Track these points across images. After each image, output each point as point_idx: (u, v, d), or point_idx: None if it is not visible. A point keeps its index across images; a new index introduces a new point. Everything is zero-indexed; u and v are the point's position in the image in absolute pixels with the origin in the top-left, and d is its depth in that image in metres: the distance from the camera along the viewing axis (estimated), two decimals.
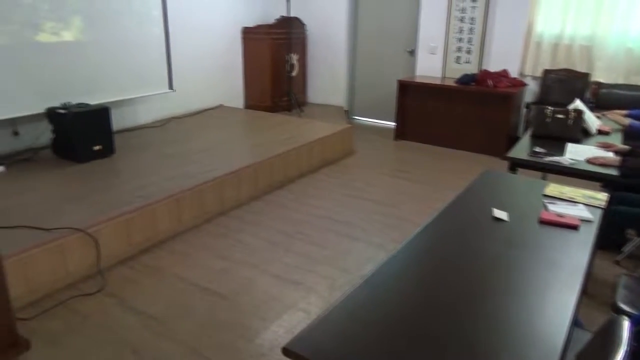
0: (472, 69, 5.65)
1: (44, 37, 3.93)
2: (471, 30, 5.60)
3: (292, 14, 6.33)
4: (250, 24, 6.34)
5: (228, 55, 6.21)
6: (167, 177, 3.58)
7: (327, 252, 3.15)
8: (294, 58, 6.53)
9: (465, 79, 5.37)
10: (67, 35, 4.10)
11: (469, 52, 5.69)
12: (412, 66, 6.17)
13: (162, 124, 5.21)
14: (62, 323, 2.39)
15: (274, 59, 6.28)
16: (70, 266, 2.69)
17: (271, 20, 6.43)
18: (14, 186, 3.37)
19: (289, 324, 2.43)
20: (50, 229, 2.68)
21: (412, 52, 6.17)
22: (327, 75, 6.89)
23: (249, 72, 6.49)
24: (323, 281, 2.81)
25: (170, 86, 5.14)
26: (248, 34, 6.33)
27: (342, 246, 3.24)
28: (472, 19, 5.56)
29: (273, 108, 6.30)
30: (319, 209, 3.81)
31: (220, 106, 6.15)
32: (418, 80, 5.76)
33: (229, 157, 4.10)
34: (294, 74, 6.52)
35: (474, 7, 5.52)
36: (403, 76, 6.02)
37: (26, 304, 2.48)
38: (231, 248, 3.17)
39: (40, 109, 3.90)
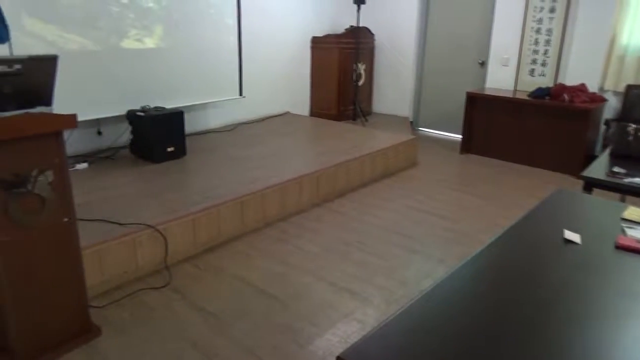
0: (546, 82, 5.41)
1: (128, 44, 4.21)
2: (547, 42, 5.37)
3: (362, 24, 6.37)
4: (320, 33, 6.44)
5: (296, 64, 6.34)
6: (233, 180, 3.71)
7: (385, 264, 3.12)
8: (361, 67, 6.55)
9: (540, 93, 5.14)
10: (149, 42, 4.37)
11: (544, 64, 5.45)
12: (482, 78, 6.00)
13: (231, 128, 5.40)
14: (130, 314, 2.53)
15: (341, 68, 6.33)
16: (140, 260, 2.85)
17: (340, 30, 6.50)
18: (95, 182, 3.62)
19: (343, 333, 2.43)
20: (125, 224, 2.86)
21: (483, 64, 6.00)
22: (394, 85, 6.86)
23: (316, 80, 6.59)
24: (380, 293, 2.79)
25: (241, 92, 5.33)
26: (317, 43, 6.43)
27: (401, 258, 3.20)
28: (549, 30, 5.32)
29: (338, 116, 6.35)
30: (380, 220, 3.78)
31: (287, 113, 6.28)
32: (488, 92, 5.58)
33: (293, 164, 4.18)
34: (360, 83, 6.54)
35: (551, 18, 5.28)
36: (472, 88, 5.87)
37: (99, 293, 2.65)
38: (290, 253, 3.22)
39: (121, 111, 4.18)
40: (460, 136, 5.75)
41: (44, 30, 3.68)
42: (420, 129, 6.78)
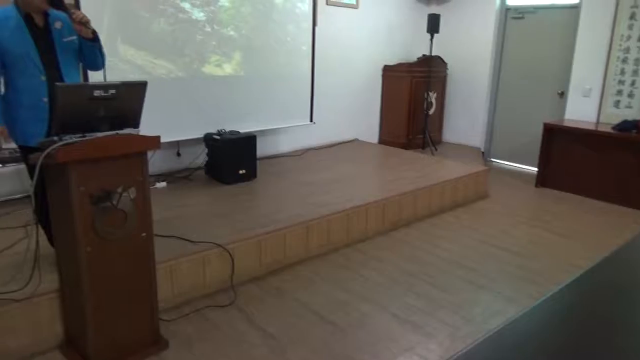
0: (634, 114, 5.06)
1: (208, 69, 4.48)
2: (635, 72, 5.05)
3: (435, 53, 6.34)
4: (392, 62, 6.48)
5: (367, 92, 6.41)
6: (299, 205, 3.77)
7: (451, 298, 3.01)
8: (433, 96, 6.50)
9: (626, 126, 4.81)
10: (228, 68, 4.61)
11: (631, 95, 5.12)
12: (561, 109, 5.72)
13: (300, 153, 5.52)
14: (196, 329, 2.62)
15: (412, 97, 6.32)
16: (208, 277, 2.95)
17: (413, 58, 6.51)
18: (171, 200, 3.82)
19: None
20: (196, 242, 2.99)
21: (562, 94, 5.73)
22: (466, 114, 6.72)
23: (386, 108, 6.61)
24: (444, 328, 2.69)
25: (311, 119, 5.45)
26: (388, 71, 6.48)
27: (468, 294, 3.07)
28: (638, 59, 5.01)
29: (407, 145, 6.31)
30: (446, 252, 3.68)
31: (355, 140, 6.33)
32: (567, 124, 5.31)
33: (359, 190, 4.19)
34: (431, 112, 6.48)
35: None
36: (550, 119, 5.61)
37: (169, 307, 2.76)
38: (353, 281, 3.20)
39: (199, 134, 4.42)
40: (536, 169, 5.49)
41: (135, 56, 4.01)
42: (493, 160, 6.56)
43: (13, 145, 2.61)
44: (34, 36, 2.37)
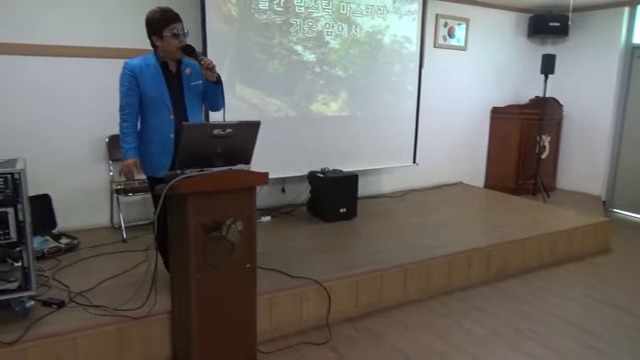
0: None
1: (316, 107, 4.68)
2: None
3: (549, 94, 6.01)
4: (501, 103, 6.27)
5: (474, 133, 6.23)
6: (399, 247, 3.71)
7: None
8: (546, 140, 6.13)
9: None
10: (334, 106, 4.78)
11: None
12: None
13: (402, 194, 5.47)
14: None
15: (523, 140, 6.02)
16: (305, 313, 2.99)
17: (524, 100, 6.24)
18: (275, 234, 3.98)
19: None
20: (295, 277, 3.06)
21: None
22: (583, 159, 6.23)
23: (493, 151, 6.36)
24: None
25: (414, 160, 5.41)
26: (497, 113, 6.26)
27: (582, 357, 2.76)
28: None
29: (516, 190, 5.98)
30: (558, 309, 3.36)
31: (460, 183, 6.14)
32: None
33: (462, 236, 4.02)
34: (543, 156, 6.10)
35: None
36: None
37: (265, 339, 2.82)
38: (452, 331, 3.04)
39: (304, 171, 4.58)
40: None
41: (250, 95, 4.33)
42: (615, 210, 5.94)
43: (143, 176, 2.91)
44: (168, 81, 2.68)
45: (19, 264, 2.56)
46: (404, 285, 3.38)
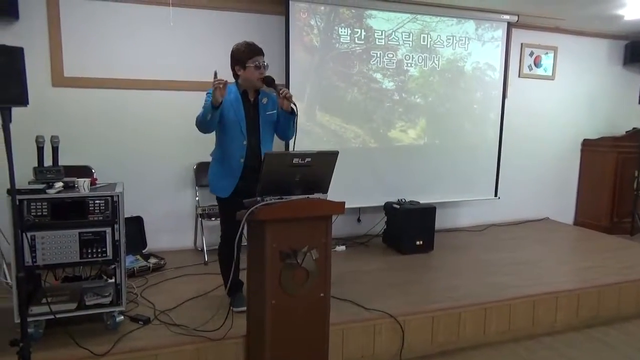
0: None
1: (393, 134, 4.68)
2: None
3: None
4: (593, 135, 5.89)
5: (562, 167, 5.88)
6: (478, 283, 3.55)
7: None
8: None
9: None
10: (412, 134, 4.76)
11: None
12: None
13: (482, 229, 5.25)
14: None
15: (618, 174, 5.59)
16: (377, 347, 2.92)
17: (620, 132, 5.82)
18: (350, 264, 3.96)
19: None
20: (369, 309, 3.01)
21: None
22: None
23: (584, 186, 5.95)
24: None
25: (496, 193, 5.19)
26: (589, 146, 5.89)
27: None
28: None
29: (610, 229, 5.52)
30: None
31: (546, 219, 5.78)
32: None
33: (549, 276, 3.76)
34: None
35: None
36: None
37: None
38: None
39: (380, 202, 4.56)
40: None
41: (329, 121, 4.44)
42: None
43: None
44: (245, 108, 2.84)
45: (112, 280, 2.77)
46: (484, 325, 3.20)
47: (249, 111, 2.85)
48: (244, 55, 2.76)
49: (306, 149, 2.72)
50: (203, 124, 2.71)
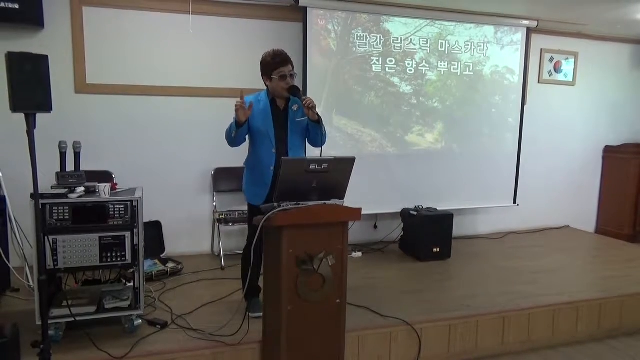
0: None
1: (411, 138, 4.66)
2: None
3: None
4: (615, 142, 5.78)
5: (582, 175, 5.78)
6: (496, 292, 3.49)
7: None
8: None
9: None
10: (429, 137, 4.72)
11: None
12: None
13: (500, 236, 5.18)
14: None
15: None
16: (393, 355, 2.90)
17: None
18: (365, 270, 3.95)
19: None
20: (385, 316, 2.99)
21: None
22: None
23: (606, 194, 5.84)
24: None
25: (514, 200, 5.12)
26: (611, 152, 5.78)
27: None
28: None
29: (633, 237, 5.40)
30: None
31: (567, 227, 5.68)
32: None
33: (569, 285, 3.69)
34: None
35: None
36: None
37: None
38: None
39: (397, 208, 4.54)
40: None
41: (347, 125, 4.44)
42: None
43: (242, 208, 3.08)
44: (274, 116, 2.85)
45: (131, 284, 2.80)
46: (502, 334, 3.16)
47: (278, 119, 2.86)
48: (270, 68, 2.78)
49: (323, 152, 2.72)
50: (229, 139, 2.78)
